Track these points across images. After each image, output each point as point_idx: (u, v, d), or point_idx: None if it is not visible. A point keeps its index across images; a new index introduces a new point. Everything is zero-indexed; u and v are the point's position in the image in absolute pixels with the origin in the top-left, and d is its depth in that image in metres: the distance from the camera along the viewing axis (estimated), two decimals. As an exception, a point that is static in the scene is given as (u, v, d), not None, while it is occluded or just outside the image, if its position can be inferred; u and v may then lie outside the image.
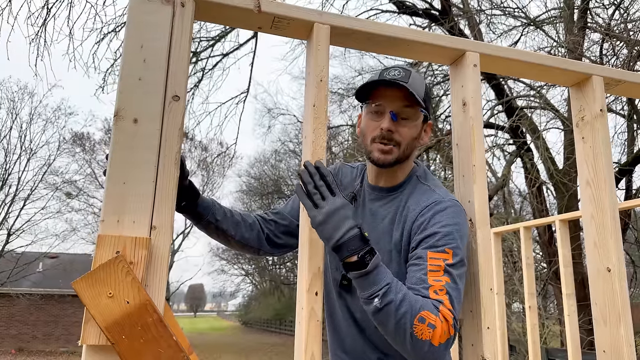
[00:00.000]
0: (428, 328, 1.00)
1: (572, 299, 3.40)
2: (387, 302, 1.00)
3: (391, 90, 1.24)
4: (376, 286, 1.01)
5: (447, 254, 1.11)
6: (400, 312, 1.00)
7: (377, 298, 1.01)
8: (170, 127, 0.93)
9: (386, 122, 1.23)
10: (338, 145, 13.36)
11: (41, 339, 20.03)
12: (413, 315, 1.00)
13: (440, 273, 1.09)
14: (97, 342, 0.81)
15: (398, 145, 1.25)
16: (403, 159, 1.28)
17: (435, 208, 1.18)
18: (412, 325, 1.00)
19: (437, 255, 1.11)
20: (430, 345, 1.01)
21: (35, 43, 7.29)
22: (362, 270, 1.01)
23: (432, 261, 1.10)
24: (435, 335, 1.01)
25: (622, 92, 1.45)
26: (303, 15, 1.09)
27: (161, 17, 0.97)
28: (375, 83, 1.25)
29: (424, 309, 1.02)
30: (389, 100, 1.24)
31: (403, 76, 1.23)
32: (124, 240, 0.85)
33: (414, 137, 1.28)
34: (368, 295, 1.02)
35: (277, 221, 1.47)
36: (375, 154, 1.26)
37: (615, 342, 1.21)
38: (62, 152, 21.04)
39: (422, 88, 1.27)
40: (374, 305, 1.01)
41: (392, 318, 1.01)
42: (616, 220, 1.25)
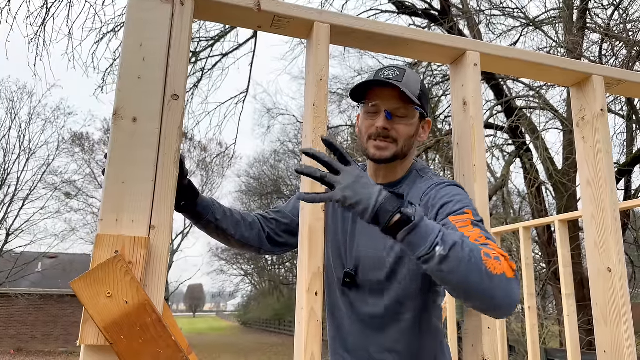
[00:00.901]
0: (496, 261, 0.92)
1: (571, 299, 3.40)
2: (451, 246, 0.90)
3: (385, 89, 1.26)
4: (432, 234, 0.91)
5: (467, 214, 1.06)
6: (467, 250, 0.91)
7: (439, 245, 0.90)
8: (169, 126, 0.93)
9: (381, 121, 1.25)
10: (337, 145, 13.33)
11: (40, 339, 20.00)
12: (478, 251, 0.92)
13: (470, 227, 1.02)
14: (96, 342, 0.80)
15: (395, 142, 1.26)
16: (401, 155, 1.29)
17: (438, 187, 1.19)
18: (482, 261, 0.91)
19: (459, 218, 1.05)
20: (507, 279, 0.92)
21: (35, 43, 7.28)
22: (410, 224, 0.91)
23: (458, 223, 1.04)
24: (505, 268, 0.92)
25: (622, 91, 1.44)
26: (303, 14, 1.09)
27: (160, 16, 0.96)
28: (368, 83, 1.27)
29: (482, 246, 0.95)
30: (383, 99, 1.26)
31: (397, 75, 1.25)
32: (122, 240, 0.84)
33: (411, 134, 1.29)
34: (428, 247, 0.90)
35: (278, 220, 1.48)
36: (371, 150, 1.27)
37: (616, 342, 1.20)
38: (61, 152, 21.06)
39: (418, 86, 1.28)
40: (439, 254, 0.90)
41: (462, 261, 0.90)
42: (617, 220, 1.25)
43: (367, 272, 1.27)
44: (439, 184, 1.21)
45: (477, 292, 0.92)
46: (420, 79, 1.32)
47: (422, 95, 1.29)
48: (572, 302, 3.40)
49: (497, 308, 0.95)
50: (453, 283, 0.93)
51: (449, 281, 0.93)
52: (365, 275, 1.28)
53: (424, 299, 1.25)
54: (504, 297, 0.93)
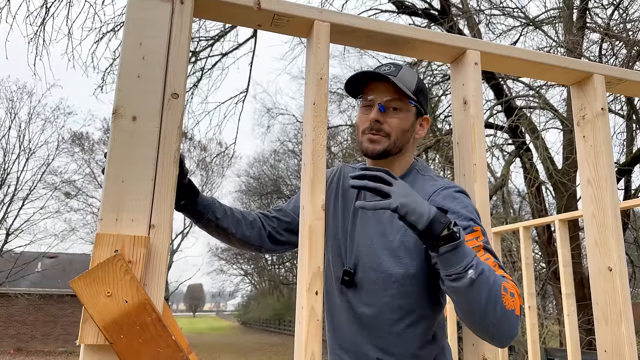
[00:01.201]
0: (511, 297, 0.97)
1: (571, 299, 3.40)
2: (480, 272, 0.94)
3: (379, 83, 1.27)
4: (469, 257, 0.95)
5: (477, 232, 1.09)
6: (492, 280, 0.95)
7: (472, 269, 0.94)
8: (169, 125, 0.93)
9: (373, 113, 1.25)
10: (337, 145, 13.36)
11: (40, 338, 20.00)
12: (500, 284, 0.96)
13: (482, 252, 1.06)
14: (96, 341, 0.80)
15: (388, 136, 1.26)
16: (394, 150, 1.28)
17: (443, 193, 1.19)
18: (501, 295, 0.95)
19: (469, 237, 1.08)
20: (515, 315, 0.97)
21: (34, 42, 7.28)
22: (455, 242, 0.94)
23: (469, 243, 1.06)
24: (517, 304, 0.98)
25: (623, 90, 1.44)
26: (303, 12, 1.08)
27: (160, 14, 0.96)
28: (361, 76, 1.28)
29: (502, 279, 0.98)
30: (377, 93, 1.27)
31: (393, 71, 1.27)
32: (122, 239, 0.84)
33: (405, 128, 1.28)
34: (462, 267, 0.94)
35: (280, 218, 1.48)
36: (365, 144, 1.28)
37: (616, 341, 1.20)
38: (60, 151, 21.05)
39: (413, 82, 1.28)
40: (469, 277, 0.94)
41: (485, 288, 0.94)
42: (617, 219, 1.25)
43: (367, 271, 1.26)
44: (444, 188, 1.20)
45: (487, 321, 0.97)
46: (418, 76, 1.33)
47: (418, 91, 1.30)
48: (572, 301, 3.40)
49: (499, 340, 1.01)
50: (469, 307, 0.98)
51: (467, 305, 0.98)
52: (364, 274, 1.27)
53: (425, 301, 1.24)
54: (508, 332, 0.98)
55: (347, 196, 1.39)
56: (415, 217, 0.95)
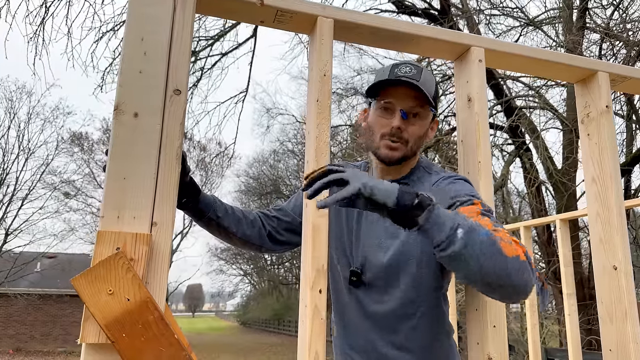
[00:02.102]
0: (509, 245, 0.91)
1: (572, 299, 3.39)
2: (469, 228, 0.88)
3: (401, 88, 1.24)
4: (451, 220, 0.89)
5: (476, 205, 1.05)
6: (483, 234, 0.89)
7: (460, 227, 0.88)
8: (171, 122, 0.92)
9: (397, 121, 1.23)
10: (337, 145, 13.34)
11: (39, 339, 19.97)
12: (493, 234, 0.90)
13: (479, 217, 1.00)
14: (97, 340, 0.79)
15: (406, 143, 1.25)
16: (410, 156, 1.28)
17: (446, 180, 1.19)
18: (499, 245, 0.89)
19: (468, 209, 1.04)
20: (521, 261, 0.91)
21: (34, 42, 7.26)
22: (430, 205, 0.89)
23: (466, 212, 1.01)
24: (519, 251, 0.91)
25: (627, 88, 1.43)
26: (306, 8, 1.07)
27: (162, 10, 0.95)
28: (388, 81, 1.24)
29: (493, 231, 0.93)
30: (399, 98, 1.24)
31: (415, 74, 1.23)
32: (124, 237, 0.83)
33: (422, 135, 1.28)
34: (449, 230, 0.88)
35: (280, 218, 1.46)
36: (383, 150, 1.26)
37: (621, 340, 1.19)
38: (60, 151, 20.99)
39: (433, 86, 1.27)
40: (460, 238, 0.87)
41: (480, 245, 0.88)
42: (622, 217, 1.24)
43: (375, 269, 1.26)
44: (447, 177, 1.21)
45: (495, 274, 0.89)
46: (435, 79, 1.30)
47: (435, 95, 1.29)
48: (573, 301, 3.39)
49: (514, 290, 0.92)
50: (471, 267, 0.90)
51: (467, 265, 0.90)
52: (373, 272, 1.27)
53: (435, 297, 1.25)
54: (520, 278, 0.90)
55: None
56: (383, 195, 0.87)
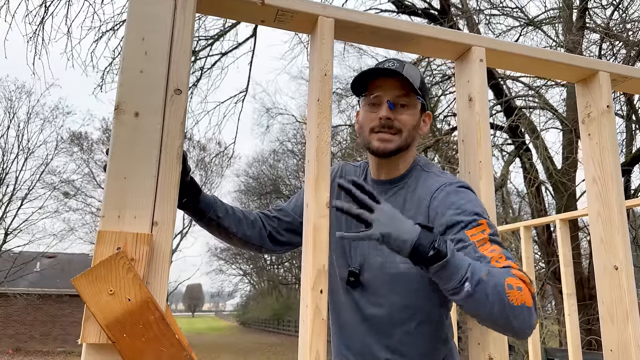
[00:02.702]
0: (518, 292, 0.96)
1: (572, 299, 3.39)
2: (477, 282, 0.95)
3: (387, 80, 1.25)
4: (462, 270, 0.96)
5: (482, 226, 1.08)
6: (491, 286, 0.95)
7: (467, 281, 0.95)
8: (172, 121, 0.91)
9: (384, 111, 1.23)
10: (336, 145, 13.34)
11: (39, 339, 19.97)
12: (502, 285, 0.96)
13: (488, 245, 1.06)
14: (98, 340, 0.78)
15: (399, 133, 1.25)
16: (405, 147, 1.27)
17: (447, 189, 1.17)
18: (506, 294, 0.95)
19: (474, 231, 1.07)
20: (528, 309, 0.97)
21: (33, 41, 7.26)
22: (442, 260, 0.95)
23: (474, 237, 1.07)
24: (526, 296, 0.97)
25: (628, 88, 1.43)
26: (307, 8, 1.07)
27: (163, 9, 0.95)
28: (370, 73, 1.26)
29: (506, 276, 0.98)
30: (385, 90, 1.25)
31: (397, 66, 1.25)
32: (124, 236, 0.83)
33: (414, 124, 1.28)
34: (457, 282, 0.96)
35: (280, 218, 1.46)
36: (375, 143, 1.25)
37: (622, 340, 1.19)
38: (59, 151, 20.98)
39: (418, 77, 1.27)
40: (466, 291, 0.95)
41: (487, 296, 0.95)
42: (623, 217, 1.24)
43: (373, 271, 1.25)
44: (448, 184, 1.19)
45: (498, 322, 0.98)
46: (420, 72, 1.31)
47: (422, 86, 1.29)
48: (573, 301, 3.39)
49: (516, 334, 1.00)
50: (477, 314, 0.99)
51: (473, 312, 1.00)
52: (371, 274, 1.26)
53: (433, 302, 1.23)
54: (523, 326, 0.98)
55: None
56: (398, 245, 0.96)
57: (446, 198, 1.15)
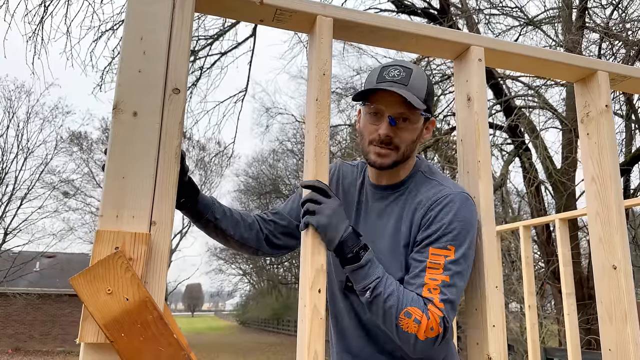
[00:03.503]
0: (414, 323, 1.07)
1: (571, 298, 3.39)
2: (376, 295, 1.09)
3: (390, 94, 1.19)
4: (368, 279, 1.10)
5: (450, 251, 1.13)
6: (387, 304, 1.09)
7: (369, 291, 1.09)
8: (170, 121, 0.91)
9: (384, 129, 1.21)
10: (336, 144, 13.34)
11: (38, 338, 19.96)
12: (399, 309, 1.08)
13: (439, 271, 1.12)
14: (96, 340, 0.78)
15: (397, 149, 1.23)
16: (402, 160, 1.26)
17: (444, 202, 1.17)
18: (397, 318, 1.08)
19: (439, 252, 1.13)
20: (416, 339, 1.08)
21: (32, 41, 7.25)
22: (356, 264, 1.10)
23: (433, 257, 1.14)
24: (420, 330, 1.07)
25: (627, 88, 1.43)
26: (306, 7, 1.07)
27: (161, 9, 0.95)
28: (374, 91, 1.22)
29: (410, 305, 1.09)
30: (387, 104, 1.21)
31: (403, 77, 1.20)
32: (123, 236, 0.83)
33: (414, 139, 1.26)
34: (361, 287, 1.11)
35: (276, 221, 1.45)
36: (372, 156, 1.25)
37: (621, 340, 1.19)
38: (59, 151, 20.98)
39: (424, 87, 1.23)
40: (365, 297, 1.11)
41: (380, 310, 1.10)
42: (622, 217, 1.24)
43: None
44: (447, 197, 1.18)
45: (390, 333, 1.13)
46: (427, 77, 1.27)
47: (427, 96, 1.25)
48: (573, 300, 3.39)
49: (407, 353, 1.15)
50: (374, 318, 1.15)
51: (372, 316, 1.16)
52: None
53: None
54: (410, 351, 1.12)
55: (348, 197, 1.37)
56: (329, 237, 1.07)
57: (440, 211, 1.17)
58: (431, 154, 9.56)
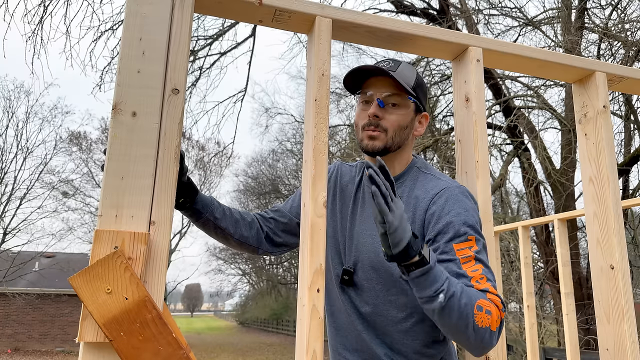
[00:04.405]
0: (486, 315, 1.02)
1: (570, 298, 3.40)
2: (450, 296, 1.00)
3: (378, 78, 1.26)
4: (439, 281, 1.00)
5: (471, 241, 1.12)
6: (463, 303, 1.00)
7: (442, 293, 0.99)
8: (169, 121, 0.92)
9: (372, 108, 1.25)
10: (335, 145, 13.35)
11: (37, 338, 19.95)
12: (472, 305, 1.01)
13: (472, 263, 1.10)
14: (95, 339, 0.79)
15: (385, 132, 1.25)
16: (393, 146, 1.27)
17: (446, 195, 1.18)
18: (473, 314, 1.01)
19: (463, 246, 1.12)
20: (490, 332, 1.03)
21: (32, 41, 7.25)
22: (424, 267, 0.99)
23: (461, 252, 1.11)
24: (493, 321, 1.03)
25: (625, 88, 1.43)
26: (304, 8, 1.08)
27: (160, 9, 0.95)
28: (359, 71, 1.27)
29: (478, 297, 1.04)
30: (377, 88, 1.27)
31: (391, 66, 1.26)
32: (122, 235, 0.83)
33: (403, 125, 1.27)
34: (432, 292, 1.00)
35: (277, 219, 1.45)
36: (365, 141, 1.27)
37: (618, 339, 1.19)
38: (58, 151, 21.02)
39: (412, 77, 1.28)
40: (439, 302, 1.00)
41: (455, 311, 1.00)
42: (620, 217, 1.24)
43: (367, 270, 1.25)
44: (446, 189, 1.19)
45: (459, 337, 1.04)
46: (417, 72, 1.32)
47: (417, 87, 1.29)
48: (571, 300, 3.40)
49: (471, 351, 1.07)
50: (443, 325, 1.05)
51: (440, 323, 1.05)
52: (365, 273, 1.26)
53: None
54: (480, 347, 1.04)
55: (345, 194, 1.38)
56: (397, 240, 0.96)
57: (445, 204, 1.16)
58: (430, 154, 9.56)
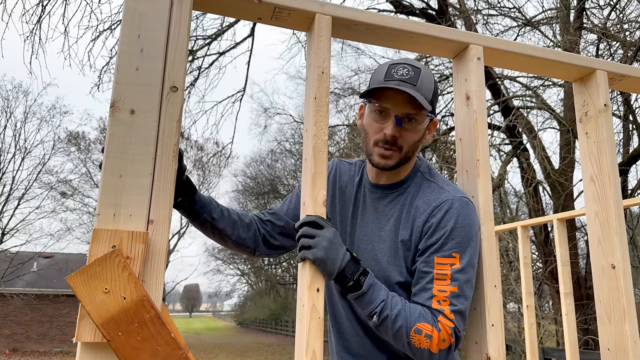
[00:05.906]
0: (425, 338, 1.08)
1: (569, 298, 3.40)
2: (383, 318, 1.09)
3: (398, 92, 1.17)
4: (372, 304, 1.09)
5: (454, 259, 1.12)
6: (397, 326, 1.09)
7: (375, 315, 1.09)
8: (168, 119, 0.91)
9: (390, 129, 1.19)
10: (334, 144, 13.33)
11: (35, 339, 19.89)
12: (409, 327, 1.09)
13: (446, 282, 1.11)
14: (93, 339, 0.78)
15: (400, 150, 1.22)
16: (405, 161, 1.25)
17: (445, 208, 1.16)
18: (408, 336, 1.09)
19: (444, 261, 1.13)
20: (430, 352, 1.09)
21: (30, 41, 7.23)
22: (358, 291, 1.08)
23: (439, 267, 1.13)
24: (433, 344, 1.08)
25: (625, 87, 1.43)
26: (304, 5, 1.07)
27: (159, 6, 0.94)
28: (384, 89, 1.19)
29: (420, 321, 1.09)
30: (394, 103, 1.19)
31: (412, 77, 1.18)
32: (120, 234, 0.82)
33: (417, 140, 1.25)
34: (367, 313, 1.10)
35: (274, 222, 1.44)
36: (376, 158, 1.23)
37: (620, 339, 1.19)
38: (56, 151, 20.98)
39: (431, 87, 1.21)
40: (373, 321, 1.10)
41: (390, 331, 1.10)
42: (621, 216, 1.24)
43: None
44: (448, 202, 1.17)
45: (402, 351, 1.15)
46: (433, 77, 1.25)
47: (434, 97, 1.23)
48: (571, 300, 3.39)
49: None
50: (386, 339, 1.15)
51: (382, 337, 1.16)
52: None
53: None
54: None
55: (345, 195, 1.36)
56: (328, 270, 1.04)
57: (442, 218, 1.15)
58: (429, 154, 9.56)
